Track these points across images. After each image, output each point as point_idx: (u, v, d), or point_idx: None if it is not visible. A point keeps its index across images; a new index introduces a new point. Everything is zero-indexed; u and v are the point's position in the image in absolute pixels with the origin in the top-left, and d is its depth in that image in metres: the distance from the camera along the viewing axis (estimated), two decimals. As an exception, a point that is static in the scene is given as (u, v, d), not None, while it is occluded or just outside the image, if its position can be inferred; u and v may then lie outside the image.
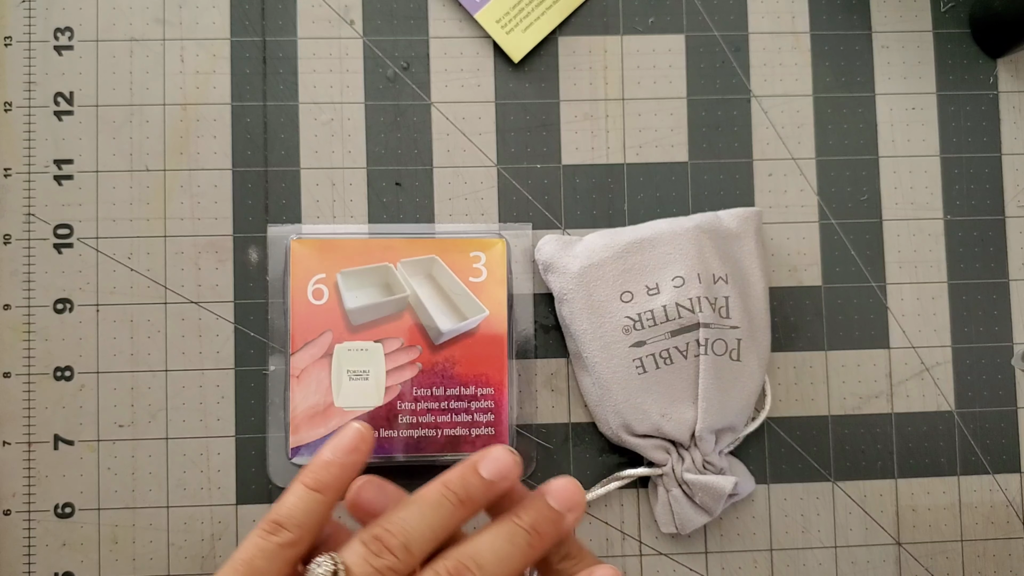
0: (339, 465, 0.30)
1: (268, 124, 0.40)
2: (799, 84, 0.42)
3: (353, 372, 0.38)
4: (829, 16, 0.42)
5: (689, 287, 0.37)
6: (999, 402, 0.41)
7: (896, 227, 0.41)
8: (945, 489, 0.41)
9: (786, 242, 0.41)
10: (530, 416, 0.40)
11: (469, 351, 0.39)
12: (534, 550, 0.29)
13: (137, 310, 0.39)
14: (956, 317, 0.41)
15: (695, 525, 0.38)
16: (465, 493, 0.29)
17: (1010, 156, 0.42)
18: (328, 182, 0.40)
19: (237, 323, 0.40)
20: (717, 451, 0.38)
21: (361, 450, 0.30)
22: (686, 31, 0.41)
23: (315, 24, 0.41)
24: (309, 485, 0.29)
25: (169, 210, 0.40)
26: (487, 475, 0.29)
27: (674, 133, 0.41)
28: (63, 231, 0.40)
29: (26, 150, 0.40)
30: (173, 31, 0.40)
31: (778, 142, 0.41)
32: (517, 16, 0.41)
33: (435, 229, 0.40)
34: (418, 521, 0.28)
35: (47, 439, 0.39)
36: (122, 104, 0.40)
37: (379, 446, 0.38)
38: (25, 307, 0.39)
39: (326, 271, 0.39)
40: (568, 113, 0.41)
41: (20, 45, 0.40)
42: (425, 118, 0.41)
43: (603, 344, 0.38)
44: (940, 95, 0.42)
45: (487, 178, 0.41)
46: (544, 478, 0.40)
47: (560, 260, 0.39)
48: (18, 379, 0.39)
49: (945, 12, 0.42)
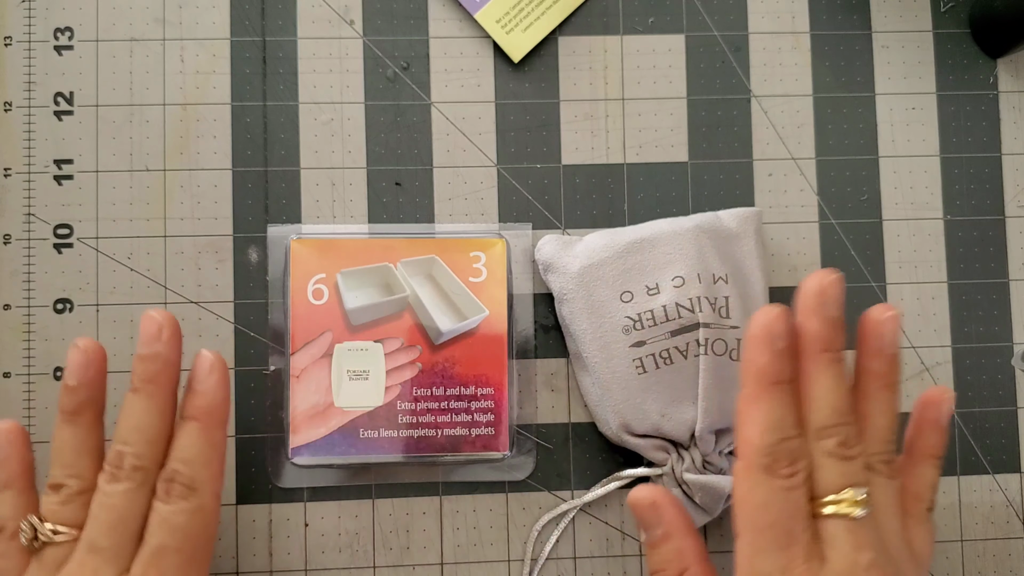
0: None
1: (268, 124, 0.40)
2: (799, 84, 0.42)
3: (353, 372, 0.38)
4: (829, 16, 0.42)
5: (689, 287, 0.37)
6: (999, 402, 0.41)
7: (896, 227, 0.41)
8: (945, 489, 0.41)
9: (786, 242, 0.41)
10: (530, 416, 0.40)
11: (469, 351, 0.39)
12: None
13: (137, 310, 0.39)
14: (956, 317, 0.41)
15: (695, 525, 0.38)
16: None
17: (1010, 156, 0.42)
18: (328, 182, 0.40)
19: (237, 323, 0.40)
20: (717, 451, 0.38)
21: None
22: (686, 31, 0.41)
23: (315, 24, 0.41)
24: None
25: (169, 210, 0.40)
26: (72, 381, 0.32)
27: (674, 133, 0.41)
28: (63, 231, 0.40)
29: (26, 150, 0.40)
30: (173, 31, 0.40)
31: (778, 142, 0.41)
32: (517, 16, 0.41)
33: (435, 229, 0.40)
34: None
35: (47, 439, 0.39)
36: (122, 104, 0.40)
37: (379, 446, 0.38)
38: (25, 307, 0.39)
39: (326, 271, 0.39)
40: (568, 113, 0.41)
41: (20, 45, 0.40)
42: (425, 118, 0.41)
43: (603, 344, 0.38)
44: (940, 95, 0.42)
45: (487, 178, 0.41)
46: (544, 478, 0.40)
47: (560, 260, 0.39)
48: (18, 379, 0.39)
49: (945, 12, 0.42)
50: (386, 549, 0.39)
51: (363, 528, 0.39)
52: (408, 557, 0.39)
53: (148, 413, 0.31)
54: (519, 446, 0.40)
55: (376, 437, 0.38)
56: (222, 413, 0.32)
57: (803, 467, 0.29)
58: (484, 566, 0.39)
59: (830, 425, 0.29)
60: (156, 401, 0.31)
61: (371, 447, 0.38)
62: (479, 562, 0.39)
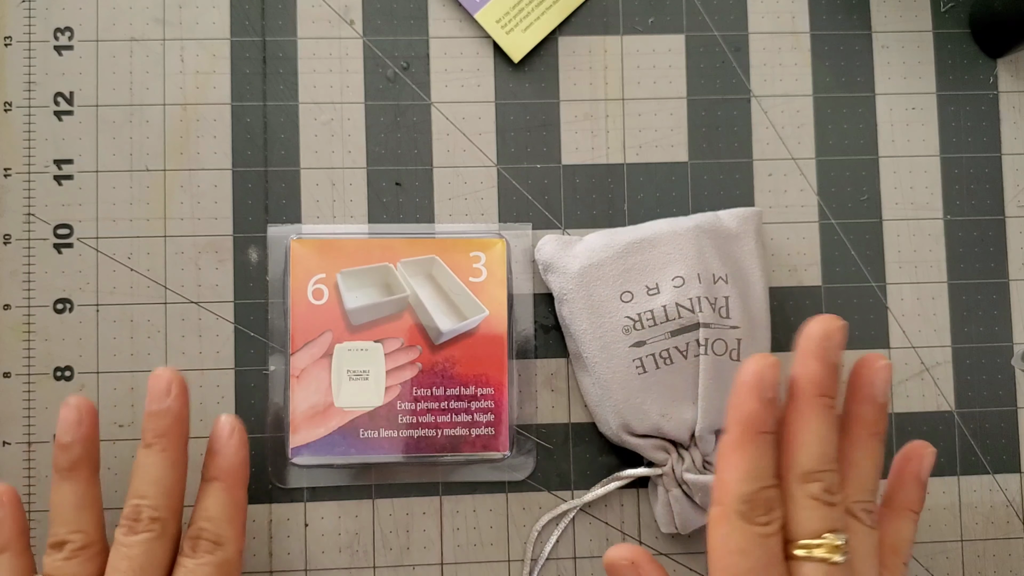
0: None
1: (268, 124, 0.40)
2: (799, 84, 0.42)
3: (353, 372, 0.38)
4: (829, 16, 0.42)
5: (689, 287, 0.37)
6: (999, 402, 0.41)
7: (896, 227, 0.41)
8: (945, 489, 0.41)
9: (786, 242, 0.41)
10: (530, 416, 0.40)
11: (469, 351, 0.39)
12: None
13: (137, 310, 0.39)
14: (956, 317, 0.41)
15: (695, 525, 0.38)
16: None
17: (1010, 156, 0.42)
18: (328, 182, 0.40)
19: (237, 323, 0.40)
20: (717, 451, 0.38)
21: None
22: (686, 31, 0.41)
23: (315, 24, 0.41)
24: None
25: (169, 210, 0.40)
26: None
27: (674, 133, 0.41)
28: (63, 231, 0.40)
29: (26, 150, 0.40)
30: (173, 31, 0.40)
31: (778, 142, 0.41)
32: (517, 16, 0.41)
33: (435, 229, 0.40)
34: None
35: (47, 439, 0.39)
36: (122, 104, 0.40)
37: (379, 446, 0.38)
38: (25, 307, 0.39)
39: (326, 271, 0.39)
40: (568, 113, 0.41)
41: (20, 45, 0.40)
42: (425, 118, 0.41)
43: (603, 344, 0.38)
44: (940, 95, 0.42)
45: (487, 178, 0.41)
46: (544, 478, 0.40)
47: (560, 260, 0.39)
48: (18, 379, 0.39)
49: (945, 12, 0.42)
50: (386, 549, 0.39)
51: (363, 528, 0.39)
52: (408, 557, 0.39)
53: (162, 466, 0.32)
54: (519, 446, 0.40)
55: (376, 437, 0.38)
56: (243, 473, 0.34)
57: (778, 516, 0.29)
58: (484, 566, 0.39)
59: (817, 470, 0.29)
60: (169, 454, 0.32)
61: (371, 447, 0.38)
62: (479, 562, 0.39)
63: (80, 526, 0.32)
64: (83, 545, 0.32)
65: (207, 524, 0.32)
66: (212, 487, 0.33)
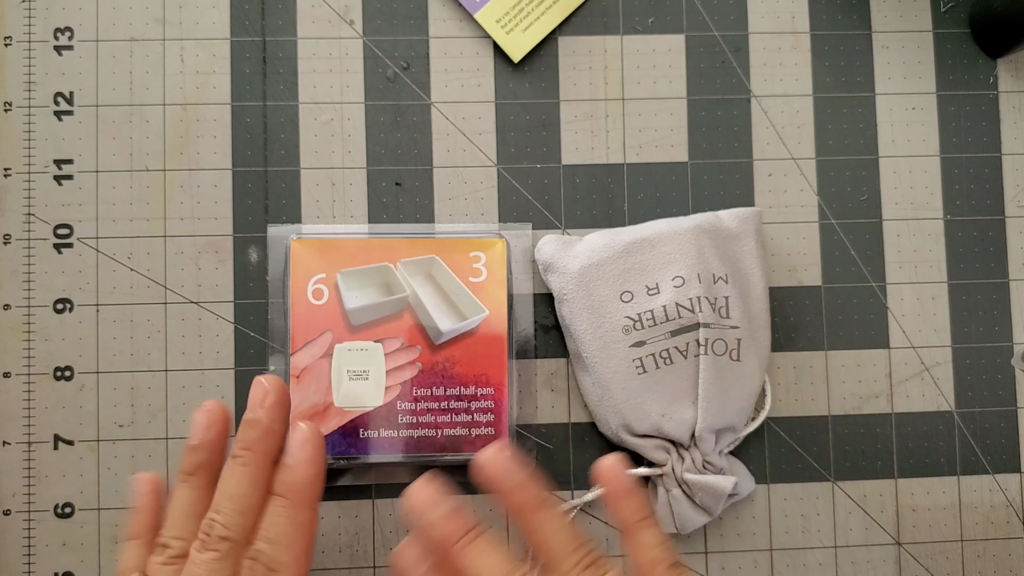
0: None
1: (268, 124, 0.40)
2: (799, 84, 0.42)
3: (353, 372, 0.38)
4: (829, 16, 0.42)
5: (689, 287, 0.37)
6: (999, 402, 0.41)
7: (896, 227, 0.41)
8: (945, 489, 0.41)
9: (786, 242, 0.41)
10: (530, 416, 0.40)
11: (469, 351, 0.39)
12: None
13: (137, 310, 0.39)
14: (956, 317, 0.41)
15: (695, 525, 0.38)
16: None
17: (1010, 156, 0.42)
18: (328, 182, 0.40)
19: (237, 323, 0.40)
20: (717, 451, 0.38)
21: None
22: (686, 31, 0.41)
23: (315, 24, 0.41)
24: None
25: (169, 210, 0.40)
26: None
27: (674, 133, 0.41)
28: (63, 231, 0.40)
29: (26, 150, 0.40)
30: (173, 31, 0.40)
31: (778, 142, 0.41)
32: (517, 16, 0.41)
33: (435, 229, 0.40)
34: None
35: (47, 439, 0.39)
36: (122, 104, 0.40)
37: (379, 446, 0.38)
38: (25, 307, 0.39)
39: (326, 271, 0.39)
40: (568, 113, 0.41)
41: (20, 45, 0.40)
42: (425, 118, 0.41)
43: (603, 344, 0.38)
44: (940, 95, 0.42)
45: (487, 178, 0.41)
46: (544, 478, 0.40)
47: (560, 260, 0.39)
48: (18, 379, 0.39)
49: (945, 12, 0.42)
50: (386, 549, 0.39)
51: (363, 528, 0.39)
52: (408, 557, 0.39)
53: (241, 482, 0.30)
54: (519, 446, 0.40)
55: (376, 437, 0.38)
56: (311, 491, 0.31)
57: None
58: (484, 566, 0.39)
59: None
60: (249, 470, 0.31)
61: (371, 447, 0.38)
62: (479, 562, 0.39)
63: (183, 533, 0.31)
64: (179, 554, 0.30)
65: (265, 547, 0.30)
66: (276, 504, 0.31)
